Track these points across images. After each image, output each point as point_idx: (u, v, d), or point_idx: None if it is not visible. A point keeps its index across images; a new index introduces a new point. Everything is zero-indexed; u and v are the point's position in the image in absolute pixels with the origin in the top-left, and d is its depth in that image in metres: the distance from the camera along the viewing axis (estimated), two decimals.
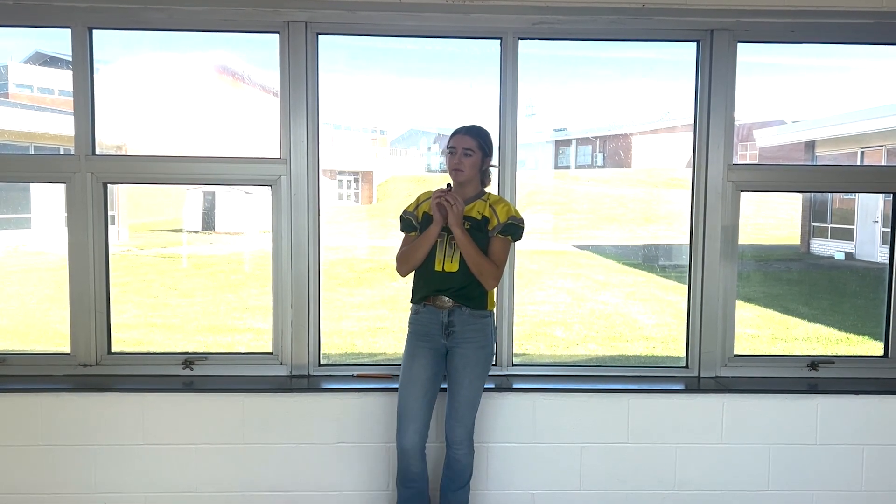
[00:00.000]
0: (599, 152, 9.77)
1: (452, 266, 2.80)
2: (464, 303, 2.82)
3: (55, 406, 3.13)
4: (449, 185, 2.86)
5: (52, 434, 3.13)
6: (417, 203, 2.95)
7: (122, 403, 3.14)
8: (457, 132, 2.86)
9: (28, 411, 3.13)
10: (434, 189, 2.86)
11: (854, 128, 8.60)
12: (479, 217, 2.83)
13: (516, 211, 2.90)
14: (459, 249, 2.77)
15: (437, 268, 2.82)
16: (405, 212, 2.96)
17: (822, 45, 3.54)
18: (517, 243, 3.32)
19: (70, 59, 3.21)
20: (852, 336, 6.88)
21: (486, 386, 3.21)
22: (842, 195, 9.89)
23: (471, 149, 2.81)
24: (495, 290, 2.94)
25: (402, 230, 2.97)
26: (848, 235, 9.73)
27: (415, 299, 2.92)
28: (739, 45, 3.30)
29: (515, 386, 3.25)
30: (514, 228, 2.85)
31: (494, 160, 3.02)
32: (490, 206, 2.85)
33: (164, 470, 3.16)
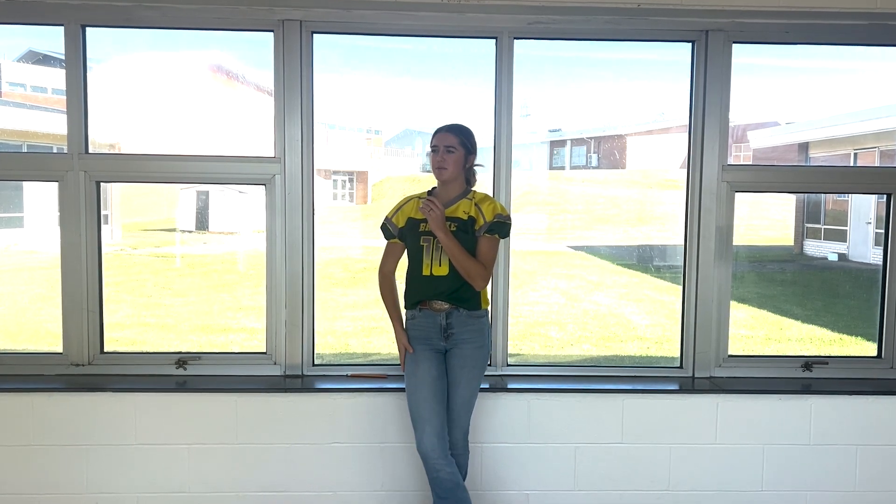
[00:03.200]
0: (594, 153, 9.79)
1: (441, 270, 2.78)
2: (458, 304, 2.80)
3: (47, 406, 3.11)
4: (429, 191, 2.86)
5: (43, 434, 3.11)
6: (398, 208, 2.93)
7: (115, 403, 3.12)
8: (438, 130, 2.83)
9: (20, 411, 3.10)
10: (417, 193, 2.87)
11: (848, 129, 8.63)
12: (465, 217, 2.79)
13: (502, 207, 2.86)
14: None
15: (426, 272, 2.80)
16: (385, 218, 2.95)
17: (817, 47, 3.54)
18: (512, 244, 3.33)
19: (63, 57, 3.20)
20: (845, 337, 6.90)
21: (480, 386, 3.22)
22: (835, 196, 9.93)
23: (453, 146, 2.79)
24: (489, 288, 2.92)
25: (385, 237, 2.97)
26: (841, 237, 9.77)
27: (408, 304, 2.90)
28: (734, 45, 3.30)
29: (510, 386, 3.24)
30: (501, 226, 2.81)
31: (488, 161, 3.01)
32: (476, 204, 2.82)
33: (157, 470, 3.14)
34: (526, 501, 3.23)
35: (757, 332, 7.06)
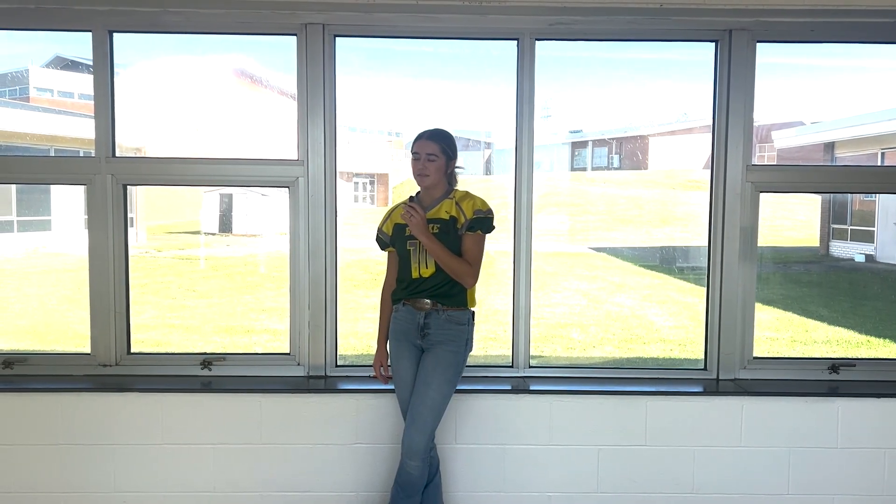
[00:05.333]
0: (616, 154, 9.75)
1: (428, 271, 2.81)
2: (442, 301, 2.81)
3: (75, 405, 3.16)
4: (411, 196, 2.88)
5: (72, 433, 3.16)
6: (387, 216, 2.98)
7: (142, 403, 3.16)
8: (419, 137, 2.84)
9: (49, 411, 3.16)
10: (403, 200, 2.89)
11: (874, 128, 8.52)
12: (447, 217, 2.81)
13: (482, 202, 2.85)
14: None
15: (415, 275, 2.83)
16: (378, 230, 2.99)
17: (842, 45, 3.50)
18: (534, 245, 3.32)
19: (89, 62, 3.25)
20: (873, 339, 6.80)
21: (501, 388, 3.22)
22: (862, 197, 9.80)
23: (434, 153, 2.80)
24: (476, 288, 2.89)
25: (381, 248, 3.01)
26: (868, 237, 9.64)
27: (394, 301, 2.95)
28: (758, 44, 3.27)
29: (532, 388, 3.23)
30: (482, 222, 2.81)
31: (510, 162, 3.01)
32: (456, 203, 2.83)
33: (183, 469, 3.18)
34: (548, 503, 3.22)
35: (782, 334, 6.98)
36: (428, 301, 2.82)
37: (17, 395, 3.16)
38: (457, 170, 2.93)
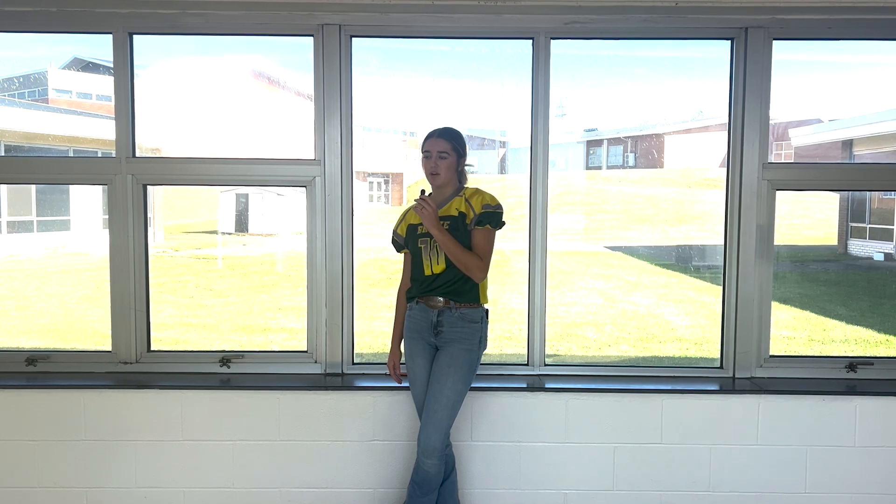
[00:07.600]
0: (631, 152, 9.72)
1: (439, 268, 2.84)
2: (455, 298, 2.84)
3: (97, 402, 3.21)
4: (423, 190, 2.90)
5: (93, 429, 3.21)
6: (401, 219, 3.02)
7: (162, 400, 3.21)
8: (430, 136, 2.87)
9: (71, 407, 3.21)
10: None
11: (893, 125, 8.43)
12: (456, 214, 2.84)
13: (491, 197, 2.87)
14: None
15: (427, 272, 2.86)
16: (393, 232, 3.03)
17: (860, 42, 3.47)
18: (549, 244, 3.33)
19: (108, 64, 3.29)
20: (892, 338, 6.74)
21: (517, 386, 3.23)
22: (880, 195, 9.71)
23: (445, 151, 2.83)
24: (488, 285, 2.91)
25: (396, 251, 3.05)
26: (887, 236, 9.54)
27: (408, 299, 2.98)
28: (774, 42, 3.26)
29: (548, 386, 3.24)
30: (490, 216, 2.83)
31: (525, 161, 3.02)
32: (466, 199, 2.86)
33: (202, 465, 3.22)
34: (564, 501, 3.23)
35: (799, 333, 6.93)
36: (441, 298, 2.85)
37: (40, 392, 3.22)
38: (467, 167, 2.96)
